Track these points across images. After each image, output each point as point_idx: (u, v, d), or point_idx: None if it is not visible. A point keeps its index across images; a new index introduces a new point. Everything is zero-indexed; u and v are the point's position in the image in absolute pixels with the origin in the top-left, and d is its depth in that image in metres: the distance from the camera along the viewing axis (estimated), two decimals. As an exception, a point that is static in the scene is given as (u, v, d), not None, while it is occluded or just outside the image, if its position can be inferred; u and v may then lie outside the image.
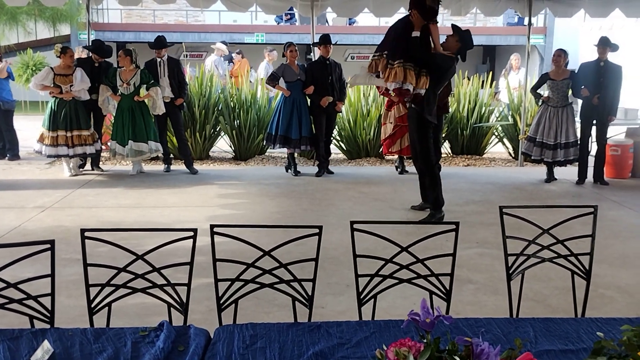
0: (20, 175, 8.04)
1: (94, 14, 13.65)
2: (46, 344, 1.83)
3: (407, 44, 5.53)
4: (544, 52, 20.87)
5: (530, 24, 9.23)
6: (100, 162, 8.43)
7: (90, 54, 8.09)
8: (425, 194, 6.18)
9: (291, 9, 12.02)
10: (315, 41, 8.28)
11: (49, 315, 2.17)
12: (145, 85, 7.79)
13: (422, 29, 5.60)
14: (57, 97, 7.54)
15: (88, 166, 8.31)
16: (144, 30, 20.33)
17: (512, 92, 9.93)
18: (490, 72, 11.09)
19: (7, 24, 16.14)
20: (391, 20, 20.85)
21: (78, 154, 7.79)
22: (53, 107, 7.56)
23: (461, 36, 5.78)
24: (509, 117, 9.77)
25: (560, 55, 7.66)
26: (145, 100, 7.85)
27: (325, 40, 7.87)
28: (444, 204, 5.97)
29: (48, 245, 2.12)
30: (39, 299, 2.16)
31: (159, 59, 7.93)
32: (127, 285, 2.26)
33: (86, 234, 2.23)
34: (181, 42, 8.18)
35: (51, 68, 7.68)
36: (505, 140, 9.95)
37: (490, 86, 10.00)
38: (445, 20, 22.44)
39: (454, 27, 5.85)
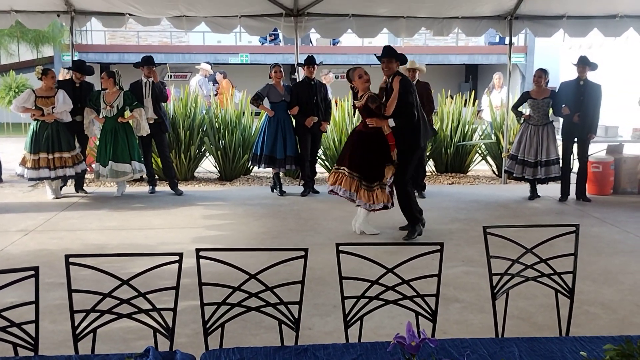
0: (3, 198, 7.96)
1: (78, 36, 13.64)
2: (30, 373, 1.81)
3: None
4: (525, 71, 21.19)
5: (511, 43, 9.38)
6: (85, 185, 8.36)
7: (71, 75, 8.06)
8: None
9: (275, 29, 12.11)
10: (299, 62, 8.35)
11: (32, 342, 2.14)
12: (128, 107, 7.79)
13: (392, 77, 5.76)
14: (39, 119, 7.50)
15: (70, 189, 8.24)
16: (128, 51, 20.37)
17: (494, 111, 10.05)
18: (473, 91, 11.22)
19: (-10, 46, 16.12)
20: (374, 41, 20.94)
21: (59, 176, 7.72)
22: (35, 130, 7.51)
23: (397, 58, 5.85)
24: (492, 135, 9.88)
25: (541, 76, 7.79)
26: (130, 122, 7.83)
27: (309, 61, 7.93)
28: (422, 213, 6.09)
29: (32, 272, 2.10)
30: (22, 326, 2.14)
31: (144, 79, 7.94)
32: (112, 310, 2.25)
33: (70, 259, 2.22)
34: (165, 63, 8.20)
35: (33, 90, 7.64)
36: (488, 158, 10.05)
37: (473, 105, 10.12)
38: (427, 39, 22.79)
39: (389, 52, 5.83)
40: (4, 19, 8.53)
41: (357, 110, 6.05)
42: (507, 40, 9.49)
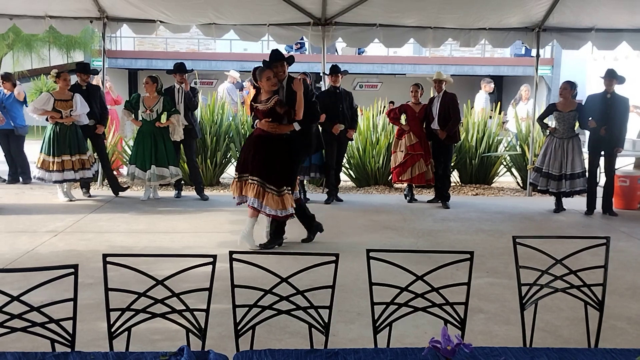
0: (33, 199, 8.12)
1: (108, 42, 13.93)
2: (69, 367, 1.87)
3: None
4: (551, 83, 21.05)
5: (538, 55, 9.34)
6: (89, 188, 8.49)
7: (76, 80, 8.16)
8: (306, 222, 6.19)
9: (302, 38, 12.21)
10: (325, 71, 8.41)
11: (70, 339, 2.20)
12: (166, 112, 7.92)
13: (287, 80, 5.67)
14: (58, 122, 7.64)
15: (76, 192, 8.34)
16: (156, 57, 20.68)
17: (520, 123, 10.01)
18: (499, 103, 11.18)
19: (22, 50, 16.47)
20: (399, 51, 20.90)
21: (83, 178, 7.90)
22: (56, 132, 7.64)
23: (287, 61, 5.73)
24: (517, 147, 9.83)
25: (567, 88, 7.74)
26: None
27: (335, 70, 7.99)
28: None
29: (72, 270, 2.16)
30: (61, 322, 2.20)
31: (177, 85, 8.08)
32: (147, 310, 2.30)
33: (108, 259, 2.28)
34: (193, 70, 8.33)
35: (51, 93, 7.80)
36: (513, 169, 10.00)
37: (499, 116, 10.08)
38: (453, 50, 22.75)
39: (279, 56, 5.70)
40: (38, 24, 8.74)
41: (255, 112, 5.73)
42: (534, 52, 9.46)
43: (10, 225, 6.56)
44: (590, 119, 7.58)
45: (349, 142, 8.57)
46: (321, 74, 9.24)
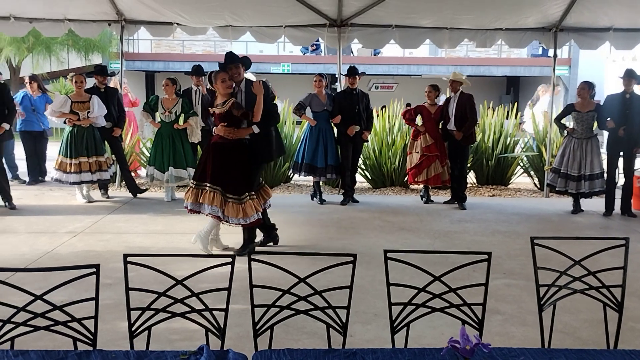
0: (52, 201, 8.22)
1: (125, 44, 14.10)
2: (92, 365, 1.90)
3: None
4: (569, 83, 20.90)
5: (555, 55, 9.28)
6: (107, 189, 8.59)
7: (94, 82, 8.26)
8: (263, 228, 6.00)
9: (317, 39, 12.25)
10: (342, 72, 8.43)
11: (91, 337, 2.24)
12: (184, 114, 7.99)
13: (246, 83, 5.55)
14: (76, 124, 7.73)
15: (94, 193, 8.45)
16: (173, 60, 20.83)
17: (537, 123, 9.95)
18: (515, 103, 11.11)
19: (42, 53, 16.70)
20: (415, 52, 20.85)
21: (101, 180, 7.99)
22: (73, 134, 7.73)
23: (244, 63, 5.58)
24: (534, 148, 9.77)
25: (584, 88, 7.68)
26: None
27: (352, 71, 8.00)
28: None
29: (93, 270, 2.20)
30: (82, 321, 2.24)
31: (195, 87, 8.15)
32: (166, 309, 2.33)
33: (128, 259, 2.31)
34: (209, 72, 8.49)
35: (68, 96, 7.89)
36: (530, 171, 9.93)
37: (515, 117, 10.03)
38: (469, 51, 22.65)
39: (234, 58, 5.55)
40: (57, 27, 8.85)
41: (213, 117, 5.66)
42: (551, 53, 9.39)
43: (30, 226, 6.65)
44: (609, 119, 7.52)
45: (365, 143, 8.58)
46: (337, 76, 9.27)
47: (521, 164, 10.00)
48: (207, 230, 5.63)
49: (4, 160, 7.65)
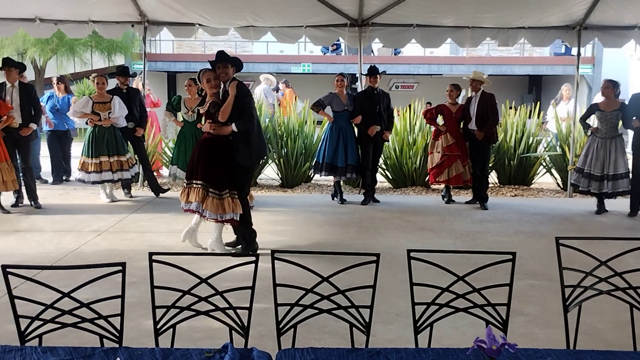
0: (77, 200, 8.34)
1: (148, 45, 14.29)
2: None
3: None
4: (592, 82, 20.62)
5: (579, 54, 9.17)
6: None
7: (116, 83, 8.34)
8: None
9: (338, 39, 12.25)
10: (363, 72, 8.42)
11: (117, 335, 2.27)
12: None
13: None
14: (97, 124, 7.81)
15: (121, 192, 8.54)
16: (194, 60, 20.96)
17: (560, 123, 9.84)
18: (538, 102, 11.00)
19: (66, 54, 16.93)
20: (436, 51, 20.73)
21: (122, 179, 8.08)
22: (94, 134, 7.83)
23: (233, 63, 5.50)
24: (557, 148, 9.67)
25: (609, 87, 7.58)
26: None
27: (373, 71, 7.99)
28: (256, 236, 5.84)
29: (119, 268, 2.23)
30: (109, 319, 2.27)
31: None
32: (191, 307, 2.35)
33: (153, 257, 2.34)
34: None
35: (90, 97, 7.98)
36: (553, 170, 9.83)
37: (538, 116, 9.94)
38: (491, 50, 22.48)
39: (224, 57, 5.48)
40: (81, 29, 8.97)
41: (202, 116, 5.68)
42: (574, 51, 9.29)
43: (55, 225, 6.75)
44: (634, 118, 7.41)
45: (385, 143, 8.56)
46: (357, 75, 9.26)
47: (544, 164, 9.90)
48: (216, 234, 5.72)
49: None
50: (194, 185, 5.49)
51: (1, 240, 6.11)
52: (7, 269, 2.19)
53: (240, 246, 5.86)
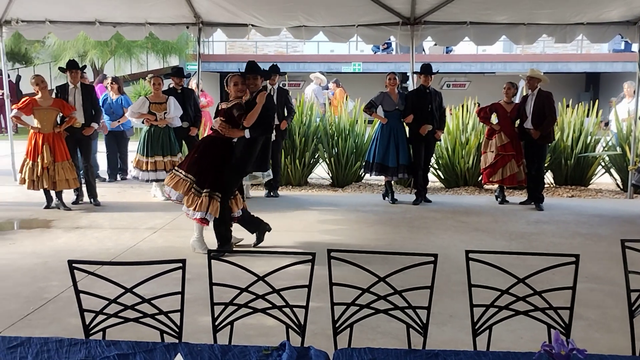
0: (133, 198, 8.57)
1: (201, 46, 14.62)
2: (179, 358, 1.97)
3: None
4: (654, 79, 19.81)
5: (641, 50, 8.84)
6: None
7: (171, 84, 8.49)
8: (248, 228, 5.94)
9: (389, 38, 12.19)
10: (415, 70, 8.35)
11: (177, 330, 2.32)
12: None
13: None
14: (153, 124, 7.99)
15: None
16: (246, 61, 21.18)
17: (620, 122, 9.52)
18: (596, 101, 10.67)
19: (123, 56, 17.44)
20: (489, 49, 20.38)
21: None
22: (150, 134, 8.00)
23: (262, 74, 5.70)
24: (617, 147, 9.34)
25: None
26: None
27: (426, 69, 7.91)
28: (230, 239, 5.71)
29: (179, 265, 2.28)
30: (169, 314, 2.32)
31: (269, 87, 8.29)
32: (248, 305, 2.38)
33: (212, 254, 2.38)
34: (285, 73, 8.60)
35: (146, 97, 8.17)
36: (612, 171, 9.51)
37: (596, 115, 9.63)
38: (546, 47, 21.93)
39: (254, 69, 5.65)
40: (138, 31, 9.22)
41: (218, 113, 5.69)
42: (635, 47, 8.97)
43: (114, 222, 6.95)
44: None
45: (437, 142, 8.47)
46: (409, 74, 9.18)
47: (602, 164, 9.59)
48: (197, 233, 5.75)
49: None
50: (181, 176, 5.51)
51: (63, 236, 6.34)
52: (73, 264, 2.27)
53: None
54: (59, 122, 7.43)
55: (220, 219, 5.57)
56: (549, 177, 9.46)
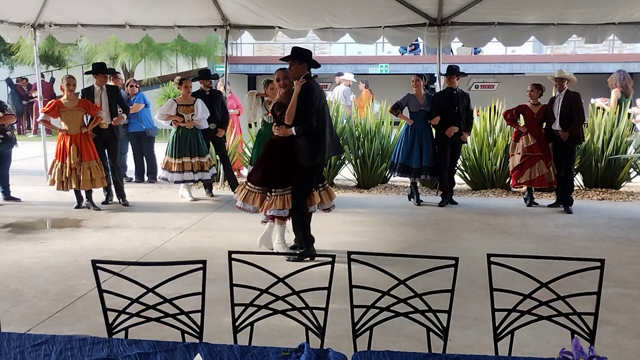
0: (161, 198, 8.67)
1: (229, 48, 14.77)
2: (199, 358, 1.98)
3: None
4: (689, 79, 19.34)
5: (674, 50, 8.65)
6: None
7: (200, 86, 8.56)
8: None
9: (416, 39, 12.12)
10: (442, 72, 8.29)
11: (198, 330, 2.34)
12: None
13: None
14: (181, 125, 8.07)
15: (198, 192, 8.77)
16: (274, 63, 21.28)
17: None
18: (629, 102, 10.44)
19: (153, 59, 17.68)
20: (518, 49, 20.09)
21: (202, 179, 8.34)
22: (178, 135, 8.09)
23: (307, 60, 5.35)
24: (650, 149, 9.15)
25: None
26: None
27: (453, 71, 7.85)
28: (313, 241, 5.59)
29: (200, 265, 2.30)
30: (190, 314, 2.34)
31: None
32: (268, 306, 2.39)
33: (233, 255, 2.40)
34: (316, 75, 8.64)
35: (174, 99, 8.25)
36: (645, 173, 9.31)
37: (628, 117, 9.44)
38: (577, 47, 21.57)
39: (298, 54, 5.36)
40: (168, 34, 9.35)
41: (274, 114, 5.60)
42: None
43: (142, 222, 7.04)
44: None
45: (464, 144, 8.39)
46: (436, 75, 9.12)
47: (634, 166, 9.39)
48: (280, 234, 5.72)
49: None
50: (255, 190, 5.49)
51: (92, 235, 6.45)
52: (97, 264, 2.31)
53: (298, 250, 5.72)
54: (85, 123, 7.56)
55: (298, 221, 5.52)
56: (578, 179, 9.30)
